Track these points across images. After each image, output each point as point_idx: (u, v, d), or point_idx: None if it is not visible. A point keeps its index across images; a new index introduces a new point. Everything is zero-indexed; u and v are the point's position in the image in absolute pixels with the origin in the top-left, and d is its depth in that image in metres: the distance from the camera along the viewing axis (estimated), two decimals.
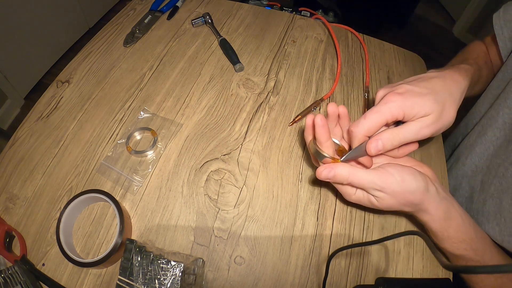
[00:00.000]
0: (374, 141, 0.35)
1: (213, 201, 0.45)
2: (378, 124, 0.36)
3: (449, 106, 0.36)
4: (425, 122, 0.35)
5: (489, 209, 0.46)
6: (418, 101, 0.35)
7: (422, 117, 0.35)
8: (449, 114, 0.36)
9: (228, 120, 0.53)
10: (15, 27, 1.46)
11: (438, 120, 0.36)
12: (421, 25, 2.56)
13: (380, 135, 0.35)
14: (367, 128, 0.36)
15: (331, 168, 0.35)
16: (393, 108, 0.35)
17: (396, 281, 0.34)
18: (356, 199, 0.38)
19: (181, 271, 0.36)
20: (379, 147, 0.35)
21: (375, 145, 0.35)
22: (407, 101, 0.35)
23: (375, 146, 0.35)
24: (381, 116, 0.35)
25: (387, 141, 0.35)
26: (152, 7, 0.69)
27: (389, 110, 0.35)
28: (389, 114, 0.35)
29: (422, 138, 0.36)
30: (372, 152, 0.35)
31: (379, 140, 0.35)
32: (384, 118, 0.35)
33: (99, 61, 0.59)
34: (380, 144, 0.35)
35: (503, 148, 0.47)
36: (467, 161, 0.54)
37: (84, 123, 0.51)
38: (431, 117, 0.35)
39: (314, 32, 0.69)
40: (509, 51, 0.52)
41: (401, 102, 0.35)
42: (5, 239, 0.39)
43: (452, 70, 0.41)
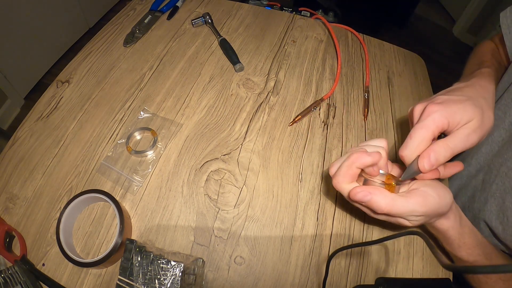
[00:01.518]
0: (426, 156, 0.33)
1: (213, 201, 0.45)
2: (426, 140, 0.34)
3: (487, 110, 0.36)
4: (471, 127, 0.34)
5: (491, 208, 0.46)
6: (459, 107, 0.34)
7: (466, 123, 0.34)
8: (489, 117, 0.36)
9: (228, 120, 0.53)
10: (15, 27, 1.46)
11: (481, 124, 0.35)
12: (421, 25, 2.56)
13: (430, 149, 0.33)
14: (416, 147, 0.34)
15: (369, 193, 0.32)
16: (437, 118, 0.34)
17: (396, 281, 0.33)
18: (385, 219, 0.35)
19: (181, 271, 0.36)
20: (432, 161, 0.33)
21: (427, 160, 0.33)
22: (448, 109, 0.34)
23: (428, 161, 0.33)
24: (427, 130, 0.34)
25: (439, 154, 0.33)
26: (152, 7, 0.69)
27: (433, 121, 0.34)
28: (434, 126, 0.34)
29: (471, 145, 0.34)
30: (426, 167, 0.33)
31: (430, 154, 0.33)
32: (430, 131, 0.34)
33: (99, 61, 0.59)
34: (433, 158, 0.33)
35: (505, 148, 0.47)
36: (473, 161, 0.54)
37: (84, 123, 0.51)
38: (475, 122, 0.34)
39: (314, 32, 0.69)
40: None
41: (443, 111, 0.34)
42: (5, 239, 0.39)
43: (477, 78, 0.42)
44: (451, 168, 0.38)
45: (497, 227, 0.44)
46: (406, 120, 0.57)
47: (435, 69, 2.06)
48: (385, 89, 0.62)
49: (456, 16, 2.52)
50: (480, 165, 0.53)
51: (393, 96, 0.61)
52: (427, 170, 0.33)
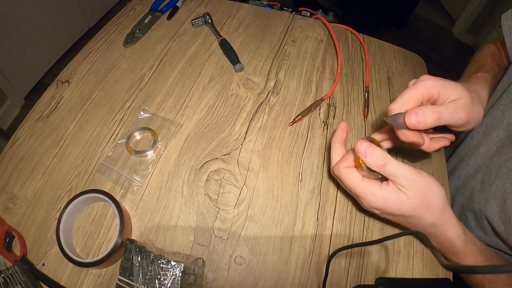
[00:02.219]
0: (414, 113, 0.34)
1: (213, 201, 0.45)
2: (415, 99, 0.35)
3: (477, 103, 0.37)
4: (461, 103, 0.35)
5: (493, 208, 0.46)
6: (451, 84, 0.36)
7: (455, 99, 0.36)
8: (478, 108, 0.37)
9: (228, 120, 0.53)
10: (15, 27, 1.46)
11: (471, 106, 0.36)
12: (421, 25, 2.56)
13: (419, 108, 0.34)
14: (404, 102, 0.35)
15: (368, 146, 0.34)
16: (429, 84, 0.35)
17: (396, 281, 0.34)
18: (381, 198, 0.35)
19: (181, 271, 0.36)
20: (420, 119, 0.34)
21: (414, 116, 0.34)
22: (441, 82, 0.36)
23: (415, 117, 0.34)
24: (418, 91, 0.35)
25: (427, 114, 0.34)
26: (152, 7, 0.69)
27: (425, 86, 0.35)
28: (425, 89, 0.35)
29: (458, 122, 0.36)
30: (412, 122, 0.34)
31: (419, 112, 0.34)
32: (420, 92, 0.35)
33: (99, 61, 0.59)
34: (420, 116, 0.34)
35: (504, 148, 0.47)
36: (471, 161, 0.54)
37: (84, 123, 0.51)
38: (465, 100, 0.35)
39: (314, 32, 0.69)
40: None
41: (436, 81, 0.36)
42: (5, 239, 0.39)
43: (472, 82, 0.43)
44: (437, 142, 0.39)
45: (499, 226, 0.44)
46: None
47: (435, 69, 2.06)
48: (385, 89, 0.62)
49: (456, 16, 2.52)
50: (478, 165, 0.53)
51: (393, 96, 0.61)
52: (412, 125, 0.34)
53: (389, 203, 0.35)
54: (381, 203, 0.35)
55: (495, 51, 0.58)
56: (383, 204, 0.35)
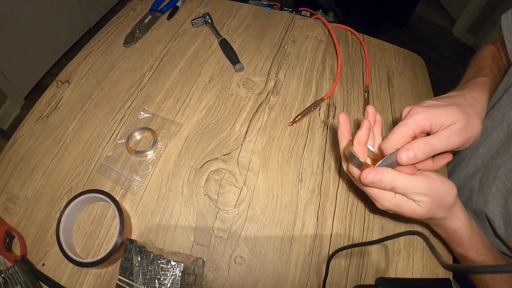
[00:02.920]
0: (405, 150, 0.34)
1: (213, 201, 0.45)
2: (406, 136, 0.35)
3: (474, 117, 0.37)
4: (454, 128, 0.35)
5: (493, 209, 0.46)
6: (443, 110, 0.35)
7: (449, 125, 0.35)
8: (474, 124, 0.36)
9: (228, 120, 0.53)
10: (15, 27, 1.46)
11: (466, 128, 0.35)
12: (421, 25, 2.56)
13: (410, 144, 0.34)
14: (395, 141, 0.36)
15: (377, 172, 0.34)
16: (419, 118, 0.35)
17: (396, 281, 0.34)
18: (395, 205, 0.35)
19: (181, 271, 0.36)
20: (410, 155, 0.34)
21: (406, 154, 0.34)
22: (432, 111, 0.35)
23: (406, 155, 0.34)
24: (408, 128, 0.35)
25: (418, 149, 0.34)
26: (152, 7, 0.69)
27: (415, 121, 0.35)
28: (415, 125, 0.35)
29: (453, 147, 0.35)
30: (404, 160, 0.34)
31: (410, 149, 0.34)
32: (411, 129, 0.35)
33: (99, 61, 0.59)
34: (411, 153, 0.34)
35: (503, 150, 0.47)
36: (470, 162, 0.54)
37: (84, 123, 0.51)
38: (459, 124, 0.35)
39: (314, 32, 0.69)
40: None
41: (426, 113, 0.35)
42: (5, 239, 0.39)
43: (470, 88, 0.43)
44: (439, 160, 0.39)
45: (500, 227, 0.44)
46: None
47: (435, 69, 2.06)
48: (385, 89, 0.62)
49: (456, 16, 2.52)
50: (477, 166, 0.53)
51: (393, 96, 0.61)
52: (404, 162, 0.34)
53: (402, 209, 0.35)
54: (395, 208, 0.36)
55: (495, 52, 0.58)
56: (397, 209, 0.36)
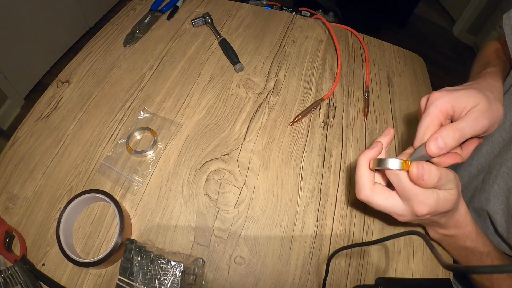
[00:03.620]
0: (434, 140, 0.32)
1: (213, 201, 0.45)
2: (432, 126, 0.34)
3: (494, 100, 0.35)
4: (479, 110, 0.33)
5: (495, 207, 0.46)
6: (463, 93, 0.34)
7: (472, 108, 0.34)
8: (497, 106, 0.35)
9: (228, 120, 0.53)
10: (15, 27, 1.46)
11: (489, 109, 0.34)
12: (421, 25, 2.56)
13: (437, 132, 0.33)
14: (423, 135, 0.34)
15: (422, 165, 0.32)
16: (440, 104, 0.34)
17: (396, 281, 0.34)
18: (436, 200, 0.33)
19: (181, 271, 0.36)
20: (440, 144, 0.32)
21: (435, 143, 0.32)
22: (451, 94, 0.34)
23: (435, 145, 0.32)
24: (432, 117, 0.34)
25: (447, 137, 0.32)
26: (152, 7, 0.69)
27: (436, 107, 0.34)
28: (438, 111, 0.34)
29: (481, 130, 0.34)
30: (434, 151, 0.32)
31: (438, 138, 0.32)
32: (435, 117, 0.34)
33: (99, 61, 0.59)
34: (440, 142, 0.32)
35: (505, 148, 0.47)
36: (473, 162, 0.54)
37: (84, 123, 0.51)
38: (482, 105, 0.33)
39: (314, 32, 0.69)
40: None
41: (446, 97, 0.34)
42: (5, 239, 0.39)
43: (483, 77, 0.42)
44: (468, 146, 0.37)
45: (502, 225, 0.44)
46: (406, 120, 0.57)
47: (435, 69, 2.06)
48: (385, 89, 0.62)
49: (456, 16, 2.52)
50: (481, 165, 0.53)
51: (393, 96, 0.61)
52: (435, 153, 0.32)
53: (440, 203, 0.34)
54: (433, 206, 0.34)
55: (499, 47, 0.58)
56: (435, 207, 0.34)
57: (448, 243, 0.41)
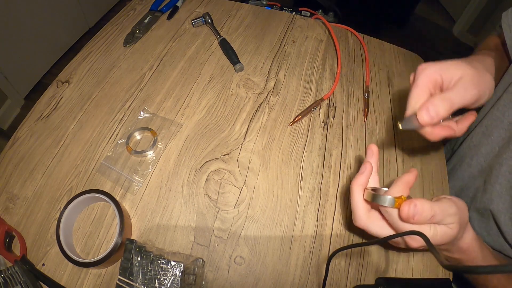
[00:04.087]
0: (424, 109, 0.32)
1: (213, 201, 0.45)
2: (422, 95, 0.34)
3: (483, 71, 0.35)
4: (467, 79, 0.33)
5: (498, 207, 0.46)
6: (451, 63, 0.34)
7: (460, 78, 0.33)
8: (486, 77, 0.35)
9: (228, 120, 0.53)
10: (15, 27, 1.46)
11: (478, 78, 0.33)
12: (421, 25, 2.56)
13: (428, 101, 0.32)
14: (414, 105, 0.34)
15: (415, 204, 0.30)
16: (428, 73, 0.34)
17: (396, 281, 0.34)
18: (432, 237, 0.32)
19: (181, 271, 0.36)
20: (432, 113, 0.31)
21: (426, 112, 0.32)
22: (439, 65, 0.34)
23: (426, 113, 0.31)
24: (421, 87, 0.34)
25: (437, 105, 0.32)
26: (152, 7, 0.69)
27: (425, 76, 0.34)
28: (427, 80, 0.34)
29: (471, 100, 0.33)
30: (425, 119, 0.32)
31: (428, 106, 0.32)
32: (424, 86, 0.34)
33: (99, 61, 0.59)
34: (431, 110, 0.31)
35: (504, 147, 0.47)
36: (473, 162, 0.54)
37: (84, 123, 0.51)
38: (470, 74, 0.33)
39: (314, 32, 0.69)
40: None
41: (434, 66, 0.34)
42: (5, 239, 0.39)
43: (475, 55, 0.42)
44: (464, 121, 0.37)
45: (506, 224, 0.44)
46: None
47: None
48: (385, 89, 0.62)
49: (456, 16, 2.52)
50: (481, 166, 0.53)
51: (393, 96, 0.61)
52: (426, 121, 0.32)
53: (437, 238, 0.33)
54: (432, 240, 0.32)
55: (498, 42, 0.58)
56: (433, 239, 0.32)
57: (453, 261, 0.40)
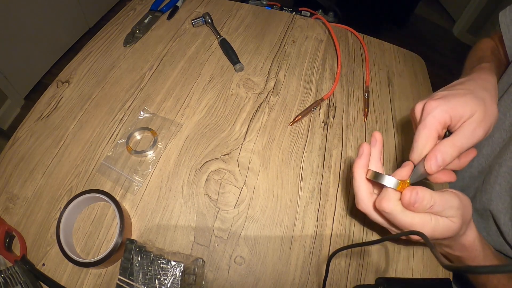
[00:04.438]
0: (433, 158, 0.31)
1: (213, 201, 0.45)
2: (431, 139, 0.33)
3: (490, 101, 0.35)
4: (475, 120, 0.33)
5: (498, 207, 0.46)
6: (459, 101, 0.33)
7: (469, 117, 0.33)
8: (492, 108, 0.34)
9: (228, 120, 0.53)
10: (15, 27, 1.46)
11: (485, 117, 0.33)
12: (421, 25, 2.56)
13: (436, 149, 0.32)
14: (422, 148, 0.33)
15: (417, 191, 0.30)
16: (437, 114, 0.33)
17: (396, 281, 0.34)
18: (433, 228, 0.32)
19: (181, 271, 0.36)
20: (439, 162, 0.31)
21: (434, 161, 0.31)
22: (448, 103, 0.33)
23: (435, 163, 0.31)
24: (430, 129, 0.33)
25: (446, 154, 0.31)
26: (152, 7, 0.69)
27: (434, 118, 0.33)
28: (437, 123, 0.33)
29: (478, 140, 0.33)
30: (433, 168, 0.31)
31: (437, 155, 0.31)
32: (433, 129, 0.33)
33: (99, 61, 0.59)
34: (439, 159, 0.31)
35: (504, 148, 0.47)
36: (474, 163, 0.54)
37: (84, 123, 0.51)
38: (479, 115, 0.33)
39: (314, 32, 0.69)
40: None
41: (443, 106, 0.33)
42: (5, 239, 0.39)
43: (478, 72, 0.41)
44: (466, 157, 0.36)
45: (506, 224, 0.44)
46: (406, 120, 0.57)
47: (435, 69, 2.06)
48: (385, 89, 0.62)
49: (456, 16, 2.52)
50: (481, 166, 0.53)
51: (393, 96, 0.61)
52: (434, 171, 0.32)
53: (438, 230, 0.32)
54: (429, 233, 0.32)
55: (494, 46, 0.57)
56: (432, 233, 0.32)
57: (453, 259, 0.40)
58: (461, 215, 0.32)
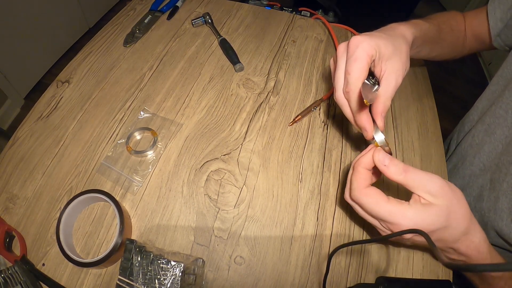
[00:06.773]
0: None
1: (213, 201, 0.45)
2: (364, 70, 0.35)
3: (405, 53, 0.38)
4: (394, 69, 0.36)
5: (503, 206, 0.45)
6: (382, 42, 0.36)
7: (387, 60, 0.36)
8: (407, 58, 0.38)
9: (228, 120, 0.53)
10: (15, 27, 1.46)
11: (401, 65, 0.37)
12: None
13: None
14: (356, 80, 0.35)
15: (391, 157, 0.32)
16: (366, 47, 0.35)
17: (396, 280, 0.34)
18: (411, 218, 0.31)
19: (181, 271, 0.36)
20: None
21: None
22: (374, 40, 0.36)
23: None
24: (361, 61, 0.35)
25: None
26: (152, 7, 0.69)
27: (364, 50, 0.35)
28: (365, 54, 0.35)
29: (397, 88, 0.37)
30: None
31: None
32: (364, 61, 0.35)
33: (99, 61, 0.59)
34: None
35: (511, 145, 0.47)
36: (475, 161, 0.54)
37: (84, 123, 0.51)
38: (397, 61, 0.36)
39: (314, 32, 0.69)
40: (498, 31, 0.51)
41: (370, 41, 0.35)
42: (5, 239, 0.39)
43: (398, 23, 0.43)
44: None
45: (508, 225, 0.44)
46: (407, 120, 0.57)
47: (435, 69, 2.06)
48: None
49: None
50: (484, 164, 0.52)
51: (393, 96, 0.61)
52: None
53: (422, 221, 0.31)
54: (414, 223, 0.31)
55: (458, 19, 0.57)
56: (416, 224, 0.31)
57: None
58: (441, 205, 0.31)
